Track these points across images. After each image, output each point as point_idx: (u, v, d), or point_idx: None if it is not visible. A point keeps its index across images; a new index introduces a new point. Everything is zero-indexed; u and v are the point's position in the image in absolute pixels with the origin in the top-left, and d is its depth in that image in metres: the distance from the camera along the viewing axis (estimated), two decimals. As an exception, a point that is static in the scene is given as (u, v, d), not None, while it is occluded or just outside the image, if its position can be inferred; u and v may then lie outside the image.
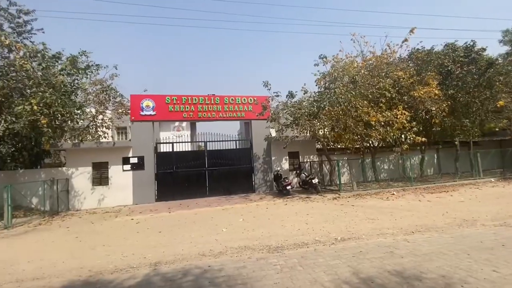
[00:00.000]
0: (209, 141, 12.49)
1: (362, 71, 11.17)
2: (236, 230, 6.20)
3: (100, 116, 12.75)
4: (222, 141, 12.69)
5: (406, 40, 12.21)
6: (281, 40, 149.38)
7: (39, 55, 9.16)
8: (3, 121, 8.31)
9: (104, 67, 11.42)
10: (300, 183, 12.26)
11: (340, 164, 11.57)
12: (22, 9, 10.25)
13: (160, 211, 9.26)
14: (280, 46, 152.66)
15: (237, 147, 13.15)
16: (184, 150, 12.52)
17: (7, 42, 8.65)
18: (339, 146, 13.61)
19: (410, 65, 12.57)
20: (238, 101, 12.65)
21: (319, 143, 13.26)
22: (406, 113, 10.58)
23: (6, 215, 7.99)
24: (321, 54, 10.93)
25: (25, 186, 10.21)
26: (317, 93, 11.00)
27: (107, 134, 14.68)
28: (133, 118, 11.59)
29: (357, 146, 12.56)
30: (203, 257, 4.54)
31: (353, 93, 9.86)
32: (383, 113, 10.45)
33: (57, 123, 9.65)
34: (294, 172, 13.04)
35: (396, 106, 10.99)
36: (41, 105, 8.35)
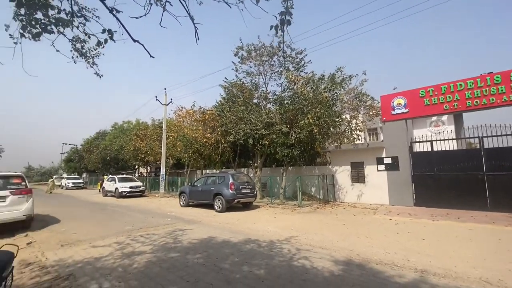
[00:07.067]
0: (486, 137, 9.43)
1: None
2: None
3: (354, 121, 14.23)
4: (508, 135, 9.02)
5: None
6: None
7: (310, 81, 12.24)
8: (294, 133, 12.07)
9: (355, 75, 12.75)
10: None
11: None
12: (297, 51, 14.34)
13: (420, 216, 8.50)
14: None
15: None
16: (447, 149, 10.50)
17: (292, 78, 12.51)
18: None
19: None
20: (542, 74, 8.35)
21: None
22: None
23: (299, 197, 11.49)
24: None
25: (307, 178, 14.00)
26: None
27: (360, 136, 16.04)
28: (384, 118, 11.73)
29: None
30: (487, 285, 3.60)
31: None
32: None
33: (324, 130, 12.26)
34: None
35: None
36: (314, 118, 11.09)
